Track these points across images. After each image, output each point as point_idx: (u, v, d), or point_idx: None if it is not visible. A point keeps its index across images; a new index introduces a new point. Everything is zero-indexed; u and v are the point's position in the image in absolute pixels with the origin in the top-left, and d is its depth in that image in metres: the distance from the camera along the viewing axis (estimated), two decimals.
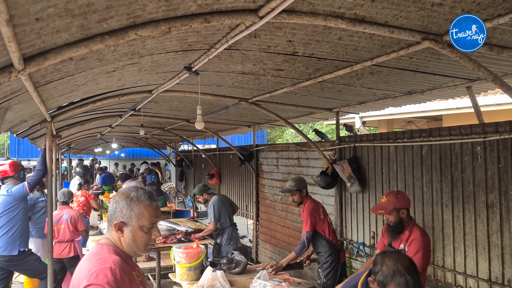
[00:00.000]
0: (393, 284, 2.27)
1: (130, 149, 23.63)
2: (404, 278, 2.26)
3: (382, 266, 2.34)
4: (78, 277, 1.83)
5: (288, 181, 5.05)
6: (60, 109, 4.87)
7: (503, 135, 3.84)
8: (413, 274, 2.29)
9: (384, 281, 2.30)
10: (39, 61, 2.24)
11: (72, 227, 6.21)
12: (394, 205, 3.50)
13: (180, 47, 3.22)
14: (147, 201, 1.97)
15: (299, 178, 5.03)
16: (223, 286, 4.04)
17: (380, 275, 2.33)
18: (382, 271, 2.33)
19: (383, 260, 2.37)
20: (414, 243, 3.42)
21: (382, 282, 2.31)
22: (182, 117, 8.15)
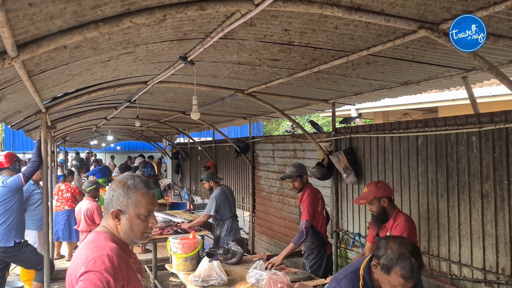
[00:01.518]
0: (398, 267, 2.25)
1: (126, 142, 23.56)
2: (409, 261, 2.24)
3: (386, 250, 2.31)
4: (75, 264, 1.83)
5: (289, 167, 5.01)
6: (55, 100, 4.84)
7: (498, 125, 3.85)
8: (418, 258, 2.27)
9: (389, 264, 2.27)
10: (32, 48, 2.22)
11: (89, 219, 6.45)
12: (375, 194, 3.60)
13: (175, 36, 3.20)
14: (144, 189, 1.97)
15: (299, 164, 4.99)
16: (219, 276, 4.05)
17: (385, 259, 2.30)
18: (386, 254, 2.30)
19: (387, 243, 2.34)
20: (398, 227, 3.51)
21: (386, 265, 2.28)
22: (177, 109, 8.13)
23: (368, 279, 2.41)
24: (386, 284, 2.33)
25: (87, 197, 6.71)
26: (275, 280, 3.59)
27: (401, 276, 2.24)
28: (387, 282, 2.30)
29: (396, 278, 2.25)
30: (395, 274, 2.26)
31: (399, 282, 2.25)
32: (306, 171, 4.98)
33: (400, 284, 2.25)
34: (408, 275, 2.23)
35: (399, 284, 2.25)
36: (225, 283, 4.04)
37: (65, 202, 8.03)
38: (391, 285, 2.29)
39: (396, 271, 2.25)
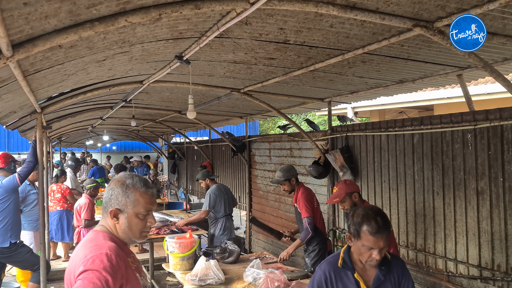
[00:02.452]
0: (365, 227, 2.31)
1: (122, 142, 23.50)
2: (373, 218, 2.31)
3: (353, 218, 2.39)
4: (74, 263, 1.83)
5: (277, 172, 5.01)
6: (50, 99, 4.83)
7: (493, 122, 3.87)
8: (383, 218, 2.34)
9: (357, 228, 2.34)
10: (27, 48, 2.22)
11: (78, 214, 6.45)
12: (345, 190, 3.80)
13: (171, 35, 3.19)
14: (143, 188, 1.97)
15: (286, 168, 4.97)
16: (216, 275, 4.05)
17: (353, 225, 2.37)
18: (353, 221, 2.38)
19: (353, 212, 2.43)
20: None
21: (356, 230, 2.35)
22: (173, 108, 8.12)
23: (347, 258, 2.45)
24: (361, 252, 2.36)
25: (85, 195, 6.70)
26: (272, 278, 3.59)
27: (369, 232, 2.29)
28: (361, 247, 2.34)
29: (366, 238, 2.31)
30: (364, 234, 2.31)
31: (369, 241, 2.30)
32: (295, 173, 4.95)
33: (371, 242, 2.30)
34: (374, 229, 2.28)
35: (370, 242, 2.30)
36: (222, 282, 4.04)
37: (56, 203, 7.95)
38: (365, 248, 2.32)
39: (364, 231, 2.31)
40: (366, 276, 2.45)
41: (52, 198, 7.96)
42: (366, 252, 2.34)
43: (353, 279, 2.42)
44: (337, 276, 2.44)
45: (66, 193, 8.05)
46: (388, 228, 2.34)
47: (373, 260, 2.34)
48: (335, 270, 2.45)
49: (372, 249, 2.31)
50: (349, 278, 2.43)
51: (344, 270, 2.44)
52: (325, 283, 2.44)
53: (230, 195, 6.72)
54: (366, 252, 2.34)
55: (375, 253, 2.31)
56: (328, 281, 2.44)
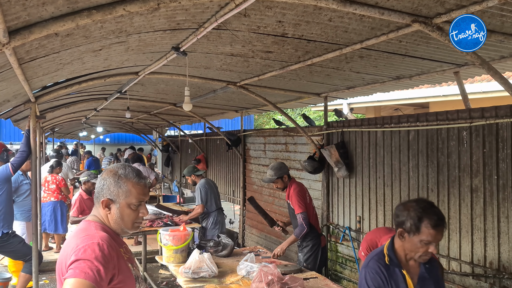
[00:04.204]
0: (426, 220, 2.22)
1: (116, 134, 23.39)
2: (433, 210, 2.24)
3: (408, 212, 2.28)
4: (66, 253, 1.81)
5: (267, 171, 4.97)
6: (45, 89, 4.78)
7: (489, 120, 3.89)
8: (439, 209, 2.28)
9: (416, 222, 2.24)
10: (24, 35, 2.19)
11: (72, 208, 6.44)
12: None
13: (168, 26, 3.16)
14: (135, 178, 1.95)
15: (277, 166, 4.91)
16: (210, 268, 4.04)
17: (410, 219, 2.26)
18: (409, 215, 2.27)
19: (405, 206, 2.32)
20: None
21: (414, 224, 2.24)
22: (169, 101, 8.08)
23: (393, 255, 2.39)
24: (418, 247, 2.27)
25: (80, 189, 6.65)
26: (266, 272, 3.59)
27: (431, 226, 2.20)
28: (419, 242, 2.25)
29: (427, 232, 2.21)
30: (425, 227, 2.22)
31: (431, 235, 2.21)
32: (286, 170, 4.92)
33: (433, 236, 2.21)
34: (438, 222, 2.21)
35: (431, 237, 2.22)
36: (215, 275, 4.04)
37: (51, 194, 7.88)
38: (424, 243, 2.24)
39: (425, 224, 2.22)
40: (410, 273, 2.39)
41: (46, 189, 7.90)
42: (423, 247, 2.26)
43: (401, 275, 2.36)
44: (389, 274, 2.37)
45: (61, 184, 7.99)
46: (445, 220, 2.28)
47: (428, 254, 2.28)
48: (384, 266, 2.38)
49: (430, 243, 2.24)
50: (397, 274, 2.37)
51: (391, 267, 2.38)
52: (381, 280, 2.37)
53: (217, 189, 6.78)
54: (423, 247, 2.26)
55: (432, 247, 2.24)
56: (383, 277, 2.37)
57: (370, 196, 5.37)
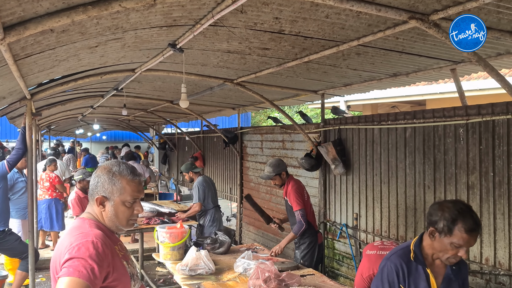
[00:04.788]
0: (461, 223, 2.15)
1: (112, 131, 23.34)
2: (470, 214, 2.18)
3: (442, 212, 2.23)
4: (60, 251, 1.80)
5: (266, 167, 4.96)
6: (40, 86, 4.75)
7: (485, 117, 3.90)
8: (476, 214, 2.22)
9: (449, 223, 2.18)
10: (19, 31, 2.17)
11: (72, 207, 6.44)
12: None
13: (165, 22, 3.15)
14: (130, 175, 1.94)
15: (275, 162, 4.92)
16: (207, 265, 4.04)
17: (444, 220, 2.20)
18: (443, 216, 2.21)
19: (440, 206, 2.27)
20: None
21: (447, 226, 2.19)
22: (165, 98, 8.05)
23: (418, 252, 2.35)
24: (447, 249, 2.22)
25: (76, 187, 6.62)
26: (263, 269, 3.59)
27: (465, 230, 2.14)
28: (449, 244, 2.20)
29: (460, 235, 2.16)
30: (458, 231, 2.16)
31: (463, 239, 2.16)
32: (284, 167, 4.93)
33: (465, 240, 2.16)
34: (473, 226, 2.15)
35: (463, 241, 2.16)
36: (212, 272, 4.04)
37: (45, 191, 7.84)
38: (455, 246, 2.19)
39: (459, 227, 2.16)
40: (435, 273, 2.35)
41: (41, 186, 7.87)
42: (452, 250, 2.21)
43: (424, 274, 2.32)
44: (409, 269, 2.34)
45: (55, 181, 7.95)
46: (481, 226, 2.22)
47: (458, 258, 2.23)
48: (407, 262, 2.34)
49: (461, 247, 2.19)
50: (419, 272, 2.33)
51: (415, 264, 2.34)
52: (396, 276, 2.33)
53: (215, 186, 6.77)
54: (452, 250, 2.21)
55: (462, 252, 2.20)
56: (400, 273, 2.33)
57: (367, 193, 5.37)
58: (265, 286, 3.47)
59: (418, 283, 2.32)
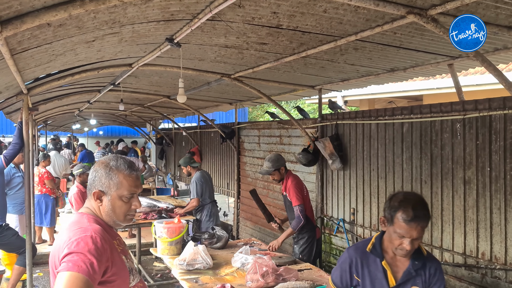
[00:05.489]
0: (400, 212, 2.18)
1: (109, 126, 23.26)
2: (410, 206, 2.18)
3: (390, 202, 2.26)
4: (58, 246, 1.80)
5: (265, 162, 4.96)
6: (37, 81, 4.73)
7: (482, 112, 3.91)
8: (423, 207, 2.22)
9: (392, 213, 2.22)
10: (16, 25, 2.16)
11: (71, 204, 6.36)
12: None
13: (162, 17, 3.14)
14: (127, 170, 1.94)
15: (274, 158, 4.91)
16: (204, 260, 4.05)
17: (388, 208, 2.25)
18: (390, 205, 2.25)
19: (392, 196, 2.30)
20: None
21: (390, 214, 2.23)
22: (162, 93, 8.03)
23: (378, 244, 2.36)
24: (393, 238, 2.25)
25: (76, 182, 6.58)
26: (261, 263, 3.60)
27: (403, 219, 2.17)
28: (393, 233, 2.23)
29: (399, 224, 2.19)
30: (397, 220, 2.19)
31: (402, 228, 2.18)
32: (283, 162, 4.93)
33: (404, 230, 2.17)
34: (409, 217, 2.16)
35: (402, 230, 2.18)
36: (210, 266, 4.05)
37: (35, 187, 7.76)
38: (397, 235, 2.21)
39: (397, 217, 2.19)
40: (396, 267, 2.34)
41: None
42: (397, 239, 2.23)
43: (381, 267, 2.33)
44: (364, 261, 2.35)
45: (44, 177, 7.83)
46: (426, 219, 2.21)
47: (403, 249, 2.23)
48: (362, 255, 2.37)
49: (404, 237, 2.20)
50: (377, 265, 2.33)
51: (372, 256, 2.35)
52: (349, 267, 2.36)
53: (212, 181, 6.79)
54: (396, 240, 2.23)
55: (405, 243, 2.20)
56: (353, 266, 2.36)
57: (364, 188, 5.39)
58: (262, 280, 3.49)
59: (374, 276, 2.33)
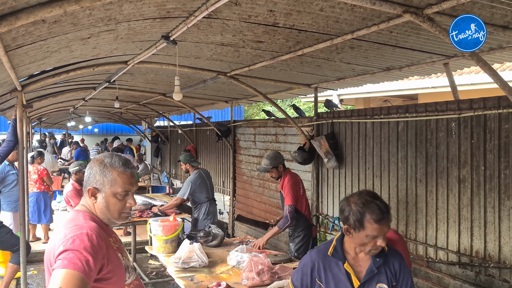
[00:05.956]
0: (368, 215, 2.16)
1: (104, 124, 23.19)
2: (374, 203, 2.18)
3: (349, 207, 2.22)
4: (54, 244, 1.79)
5: (263, 160, 4.97)
6: (31, 78, 4.70)
7: (477, 111, 3.92)
8: (382, 201, 2.22)
9: (359, 217, 2.17)
10: (10, 21, 2.14)
11: (67, 202, 6.28)
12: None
13: (158, 14, 3.12)
14: (121, 167, 1.93)
15: (273, 155, 4.92)
16: (200, 258, 4.05)
17: (352, 215, 2.20)
18: (351, 210, 2.21)
19: (347, 201, 2.26)
20: None
21: (357, 220, 2.18)
22: (158, 91, 8.01)
23: (339, 247, 2.32)
24: (365, 242, 2.21)
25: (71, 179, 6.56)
26: (256, 262, 3.61)
27: (374, 221, 2.15)
28: (365, 237, 2.19)
29: (371, 227, 2.16)
30: (368, 223, 2.16)
31: (375, 229, 2.16)
32: (281, 159, 4.93)
33: (377, 230, 2.16)
34: (379, 216, 2.15)
35: (376, 231, 2.16)
36: (205, 265, 4.05)
37: (33, 184, 7.69)
38: (370, 238, 2.18)
39: (367, 220, 2.16)
40: (358, 267, 2.32)
41: (29, 179, 7.78)
42: (370, 241, 2.19)
43: (344, 270, 2.30)
44: (326, 265, 2.32)
45: (43, 174, 7.83)
46: (389, 211, 2.21)
47: (378, 248, 2.21)
48: (324, 258, 2.34)
49: (377, 237, 2.18)
50: (340, 268, 2.31)
51: (334, 260, 2.32)
52: (310, 271, 2.33)
53: (211, 180, 6.73)
54: (370, 242, 2.20)
55: (380, 241, 2.19)
56: (315, 270, 2.33)
57: (359, 186, 5.40)
58: (258, 278, 3.49)
59: (338, 279, 2.30)
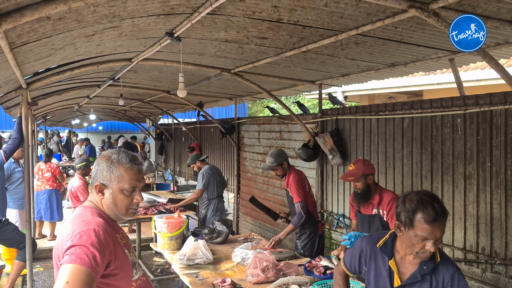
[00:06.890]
0: (420, 214, 2.07)
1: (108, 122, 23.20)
2: (430, 204, 2.08)
3: (404, 205, 2.15)
4: (61, 239, 1.80)
5: (267, 157, 4.94)
6: (36, 75, 4.71)
7: (483, 107, 3.90)
8: (440, 205, 2.11)
9: (410, 216, 2.10)
10: (15, 18, 2.14)
11: (73, 196, 6.34)
12: (363, 171, 3.67)
13: (162, 11, 3.12)
14: (128, 164, 1.94)
15: (277, 153, 4.89)
16: (205, 254, 4.05)
17: (405, 212, 2.13)
18: (405, 208, 2.14)
19: (404, 198, 2.19)
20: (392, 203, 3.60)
21: (408, 218, 2.11)
22: (162, 88, 8.01)
23: (390, 243, 2.30)
24: (413, 243, 2.13)
25: (77, 175, 6.59)
26: (261, 258, 3.60)
27: (425, 221, 2.06)
28: (414, 237, 2.11)
29: (421, 227, 2.07)
30: (418, 223, 2.08)
31: (424, 230, 2.07)
32: (286, 157, 4.91)
33: (426, 231, 2.07)
34: (431, 217, 2.05)
35: (425, 232, 2.07)
36: (210, 261, 4.06)
37: (45, 182, 7.88)
38: (419, 239, 2.10)
39: (418, 219, 2.08)
40: (404, 268, 2.27)
41: (41, 177, 7.87)
42: (419, 243, 2.11)
43: (388, 266, 2.28)
44: (373, 255, 2.34)
45: (56, 172, 7.99)
46: (445, 216, 2.11)
47: (426, 252, 2.12)
48: (372, 247, 2.35)
49: (427, 239, 2.09)
50: (385, 262, 2.29)
51: (381, 253, 2.31)
52: (359, 255, 2.41)
53: (221, 176, 6.79)
54: (419, 243, 2.12)
55: (429, 245, 2.09)
56: (363, 256, 2.39)
57: None
58: (263, 275, 3.49)
59: (379, 272, 2.33)
